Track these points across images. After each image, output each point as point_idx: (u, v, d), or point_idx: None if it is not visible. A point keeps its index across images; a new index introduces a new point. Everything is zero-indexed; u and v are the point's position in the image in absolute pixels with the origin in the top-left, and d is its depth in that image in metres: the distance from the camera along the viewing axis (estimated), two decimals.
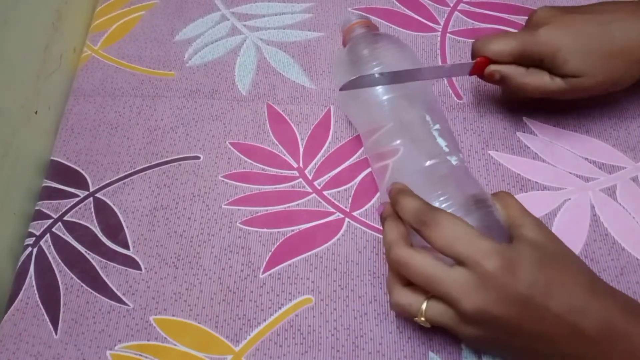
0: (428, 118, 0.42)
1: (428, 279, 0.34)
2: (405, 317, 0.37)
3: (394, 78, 0.43)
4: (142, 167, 0.48)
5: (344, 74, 0.45)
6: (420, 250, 0.35)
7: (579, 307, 0.33)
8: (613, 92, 0.44)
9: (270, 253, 0.44)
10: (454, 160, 0.40)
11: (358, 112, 0.46)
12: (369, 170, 0.47)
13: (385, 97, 0.43)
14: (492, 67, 0.44)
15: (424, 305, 0.35)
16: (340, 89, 0.43)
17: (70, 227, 0.46)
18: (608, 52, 0.42)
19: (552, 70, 0.43)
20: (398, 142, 0.41)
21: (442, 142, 0.41)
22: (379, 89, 0.43)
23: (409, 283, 0.36)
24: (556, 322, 0.33)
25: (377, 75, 0.42)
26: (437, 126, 0.42)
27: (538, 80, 0.43)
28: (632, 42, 0.42)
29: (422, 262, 0.34)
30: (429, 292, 0.35)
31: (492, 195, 0.39)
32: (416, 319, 0.36)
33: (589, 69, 0.42)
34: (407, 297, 0.36)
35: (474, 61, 0.45)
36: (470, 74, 0.45)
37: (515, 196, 0.38)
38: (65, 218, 0.46)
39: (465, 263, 0.34)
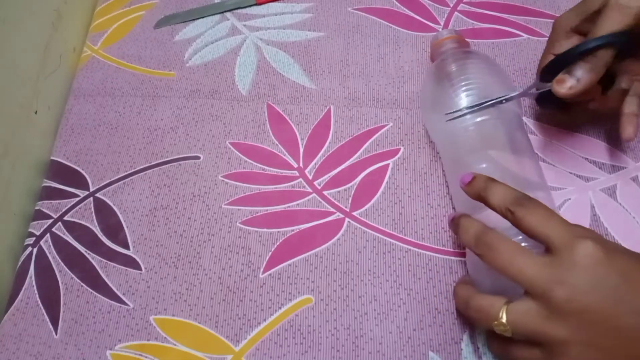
0: (513, 148, 0.41)
1: (513, 265, 0.32)
2: (483, 325, 0.35)
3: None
4: (142, 167, 0.48)
5: (431, 90, 0.45)
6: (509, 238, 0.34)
7: None
8: None
9: (270, 253, 0.44)
10: (536, 194, 0.38)
11: (443, 132, 0.44)
12: (369, 170, 0.47)
13: (476, 120, 0.41)
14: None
15: (505, 306, 0.32)
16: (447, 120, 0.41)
17: (70, 227, 0.46)
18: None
19: None
20: (484, 166, 0.40)
21: (527, 174, 0.39)
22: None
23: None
24: None
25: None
26: (523, 156, 0.40)
27: None
28: None
29: (512, 247, 0.33)
30: (514, 280, 0.32)
31: None
32: (496, 323, 0.33)
33: None
34: (488, 299, 0.34)
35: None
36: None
37: None
38: (65, 218, 0.46)
39: (556, 248, 0.32)
